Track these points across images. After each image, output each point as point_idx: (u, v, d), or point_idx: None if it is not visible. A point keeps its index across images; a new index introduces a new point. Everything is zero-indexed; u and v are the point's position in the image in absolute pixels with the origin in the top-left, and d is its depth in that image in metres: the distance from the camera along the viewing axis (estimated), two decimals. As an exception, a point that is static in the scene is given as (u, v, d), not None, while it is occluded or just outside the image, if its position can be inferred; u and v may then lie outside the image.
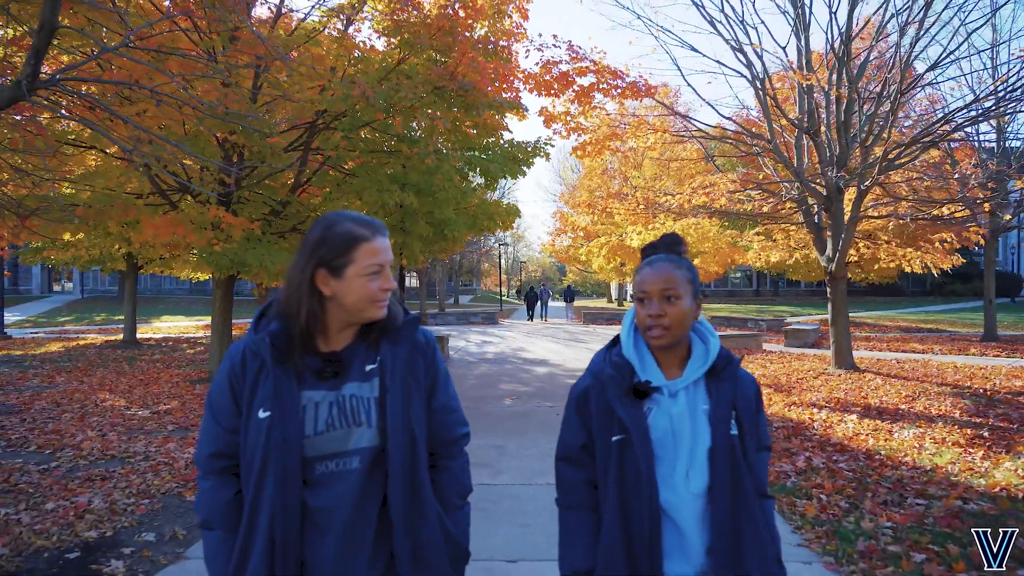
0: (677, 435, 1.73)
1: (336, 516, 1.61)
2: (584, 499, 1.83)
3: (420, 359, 1.76)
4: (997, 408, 8.49)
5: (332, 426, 1.63)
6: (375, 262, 1.63)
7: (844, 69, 10.79)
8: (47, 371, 13.43)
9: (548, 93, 10.67)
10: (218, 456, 1.69)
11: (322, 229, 1.66)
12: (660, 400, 1.76)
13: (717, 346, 1.81)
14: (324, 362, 1.67)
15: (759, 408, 1.84)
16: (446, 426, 1.82)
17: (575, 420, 1.85)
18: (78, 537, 4.44)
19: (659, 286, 1.74)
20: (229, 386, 1.69)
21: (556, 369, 13.70)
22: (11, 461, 6.38)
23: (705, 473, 1.71)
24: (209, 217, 9.55)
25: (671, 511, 1.71)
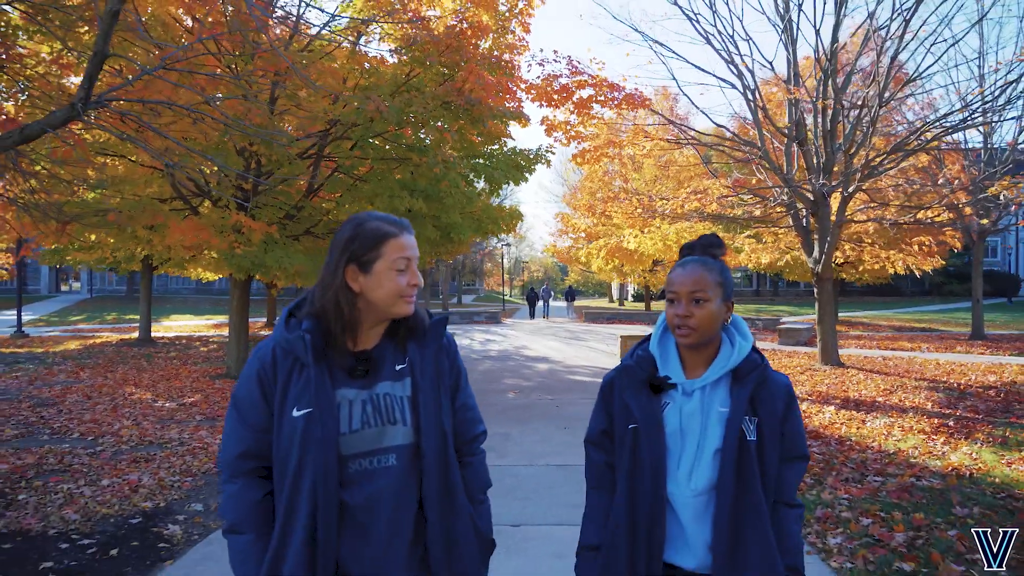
0: (685, 433, 1.78)
1: (375, 513, 1.63)
2: (603, 480, 1.93)
3: (445, 359, 1.82)
4: (967, 400, 9.10)
5: (367, 424, 1.66)
6: (402, 256, 1.68)
7: (829, 81, 11.39)
8: (70, 368, 14.06)
9: (549, 104, 11.29)
10: (247, 457, 1.69)
11: (352, 227, 1.71)
12: (676, 397, 1.82)
13: (746, 349, 1.83)
14: (356, 361, 1.71)
15: (789, 415, 1.82)
16: (467, 424, 1.88)
17: (600, 406, 1.95)
18: (136, 507, 5.08)
19: (688, 288, 1.78)
20: (259, 385, 1.69)
21: (557, 366, 14.32)
22: (59, 446, 7.01)
23: (708, 473, 1.75)
24: (231, 222, 10.18)
25: (674, 504, 1.77)
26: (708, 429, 1.76)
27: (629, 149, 12.81)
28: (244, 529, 1.65)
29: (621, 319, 30.48)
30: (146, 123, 6.99)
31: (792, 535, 1.78)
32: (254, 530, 1.65)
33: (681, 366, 1.85)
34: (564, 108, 11.26)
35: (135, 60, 7.34)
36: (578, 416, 8.52)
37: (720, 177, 14.40)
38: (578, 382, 11.87)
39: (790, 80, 11.97)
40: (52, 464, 6.26)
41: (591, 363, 14.52)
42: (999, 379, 10.84)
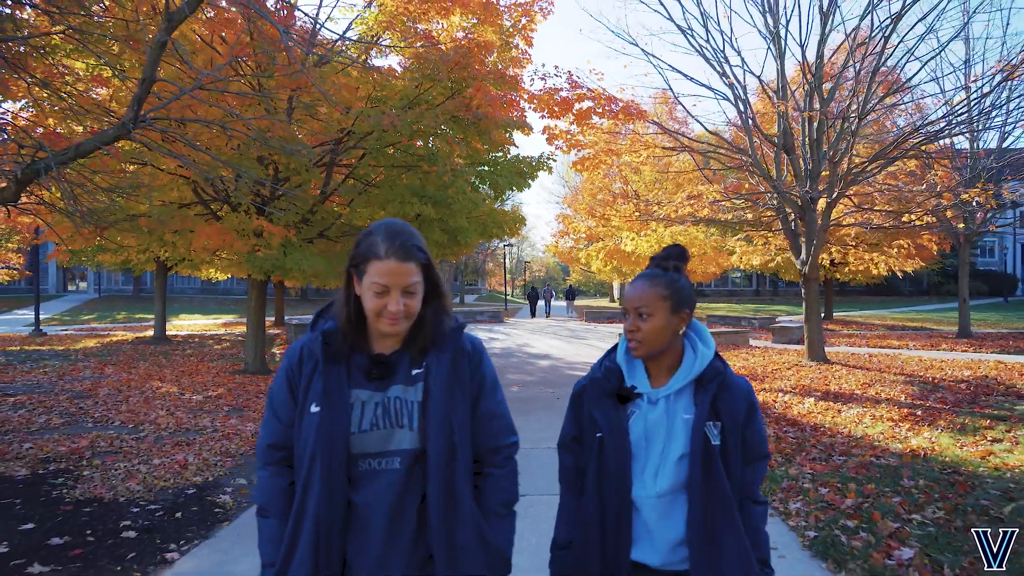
0: (650, 439, 1.87)
1: (377, 513, 1.69)
2: (573, 483, 2.03)
3: (466, 365, 1.83)
4: (938, 393, 9.80)
5: (376, 425, 1.72)
6: (377, 281, 1.68)
7: (815, 94, 12.08)
8: (94, 364, 14.77)
9: (551, 114, 11.99)
10: (275, 447, 1.80)
11: (362, 234, 1.77)
12: (641, 406, 1.90)
13: (708, 357, 1.91)
14: (372, 363, 1.77)
15: (751, 419, 1.90)
16: (492, 433, 1.87)
17: (571, 413, 2.04)
18: (188, 481, 5.80)
19: (634, 303, 1.89)
20: (287, 382, 1.79)
21: (558, 362, 15.03)
22: (105, 432, 7.72)
23: (670, 476, 1.84)
24: (252, 226, 10.90)
25: (639, 506, 1.88)
26: (673, 436, 1.85)
27: (626, 157, 13.52)
28: (270, 513, 1.77)
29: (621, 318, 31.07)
30: (185, 138, 7.70)
31: (759, 530, 1.90)
32: (278, 515, 1.75)
33: (647, 375, 1.94)
34: (565, 118, 11.96)
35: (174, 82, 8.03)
36: (577, 407, 9.22)
37: (715, 182, 15.11)
38: (577, 377, 12.56)
39: (780, 91, 12.66)
40: (104, 447, 6.98)
41: (590, 360, 15.19)
42: (973, 374, 11.54)
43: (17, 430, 7.77)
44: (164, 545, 4.39)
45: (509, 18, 12.53)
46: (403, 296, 1.68)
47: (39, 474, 5.92)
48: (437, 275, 1.81)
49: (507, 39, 12.16)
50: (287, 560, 1.68)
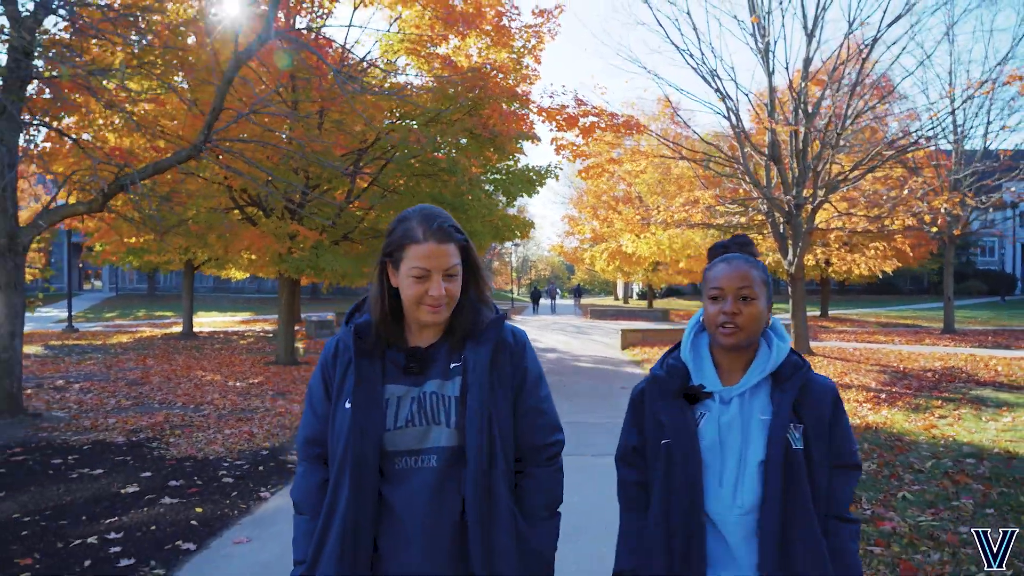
0: (725, 445, 1.67)
1: (414, 512, 1.62)
2: (635, 500, 1.83)
3: (507, 359, 1.74)
4: (906, 380, 10.93)
5: (411, 422, 1.65)
6: (418, 265, 1.61)
7: (800, 110, 13.21)
8: (134, 357, 15.97)
9: (558, 127, 13.14)
10: (312, 443, 1.75)
11: (395, 222, 1.70)
12: (712, 406, 1.71)
13: (785, 350, 1.73)
14: (407, 357, 1.70)
15: (837, 421, 1.70)
16: (534, 430, 1.77)
17: (630, 421, 1.86)
18: (259, 446, 6.99)
19: (735, 284, 1.69)
20: (322, 377, 1.75)
21: (564, 355, 16.20)
22: (172, 411, 8.92)
23: (756, 488, 1.63)
24: (288, 230, 12.09)
25: (719, 524, 1.66)
26: (750, 440, 1.65)
27: (628, 165, 14.68)
28: (304, 510, 1.73)
29: (624, 316, 32.32)
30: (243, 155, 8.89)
31: (849, 552, 1.65)
32: (311, 512, 1.71)
33: (716, 372, 1.74)
34: (571, 132, 13.11)
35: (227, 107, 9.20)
36: (582, 393, 10.38)
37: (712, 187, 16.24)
38: (582, 368, 13.75)
39: (769, 105, 13.79)
40: (177, 422, 8.17)
41: (594, 353, 16.40)
42: (943, 365, 12.66)
43: (96, 409, 8.97)
44: (256, 488, 5.58)
45: (520, 39, 13.68)
46: (444, 280, 1.62)
47: (134, 441, 7.12)
48: (476, 258, 1.74)
49: (518, 58, 13.30)
50: (316, 558, 1.65)
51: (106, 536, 4.39)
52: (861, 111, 12.57)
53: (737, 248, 1.81)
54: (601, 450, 6.56)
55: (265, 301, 48.20)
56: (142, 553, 4.14)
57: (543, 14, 13.85)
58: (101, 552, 4.14)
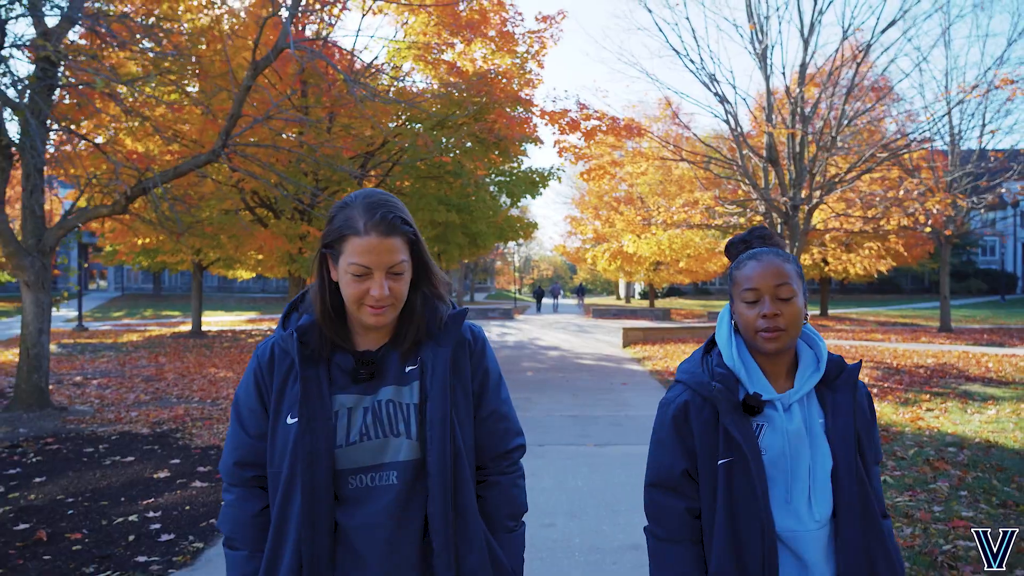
0: (795, 456, 1.55)
1: (373, 537, 1.45)
2: (686, 532, 1.62)
3: (466, 359, 1.59)
4: (898, 376, 11.28)
5: (366, 435, 1.48)
6: (357, 261, 1.42)
7: (797, 113, 13.57)
8: (146, 355, 16.35)
9: (561, 131, 13.51)
10: (244, 465, 1.54)
11: (334, 207, 1.50)
12: (773, 416, 1.57)
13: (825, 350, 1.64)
14: (356, 362, 1.52)
15: (873, 417, 1.66)
16: (496, 436, 1.63)
17: (673, 441, 1.63)
18: (277, 436, 7.35)
19: (771, 282, 1.54)
20: (256, 387, 1.54)
21: (567, 353, 16.56)
22: (190, 405, 9.29)
23: (829, 498, 1.54)
24: (299, 231, 12.47)
25: (791, 541, 1.54)
26: (817, 447, 1.56)
27: (629, 168, 15.05)
28: (239, 544, 1.53)
29: (626, 315, 32.67)
30: (257, 159, 9.26)
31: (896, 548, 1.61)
32: (248, 546, 1.52)
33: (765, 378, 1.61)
34: (574, 135, 13.47)
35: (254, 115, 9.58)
36: (583, 388, 10.74)
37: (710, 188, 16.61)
38: (584, 365, 14.11)
39: (767, 109, 14.14)
40: (196, 415, 8.54)
41: (596, 351, 16.75)
42: (936, 361, 13.01)
43: (117, 403, 9.34)
44: (278, 474, 5.94)
45: (523, 44, 14.03)
46: (388, 278, 1.44)
47: (158, 432, 7.49)
48: (426, 253, 1.56)
49: (522, 63, 13.66)
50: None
51: (145, 515, 4.76)
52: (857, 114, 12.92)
53: (760, 242, 1.66)
54: (601, 440, 6.99)
55: (269, 300, 48.66)
56: (180, 529, 4.50)
57: (546, 20, 14.20)
58: (143, 528, 4.51)
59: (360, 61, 13.09)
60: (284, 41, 7.94)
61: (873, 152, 13.10)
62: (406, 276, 1.48)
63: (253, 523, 1.52)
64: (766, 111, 13.92)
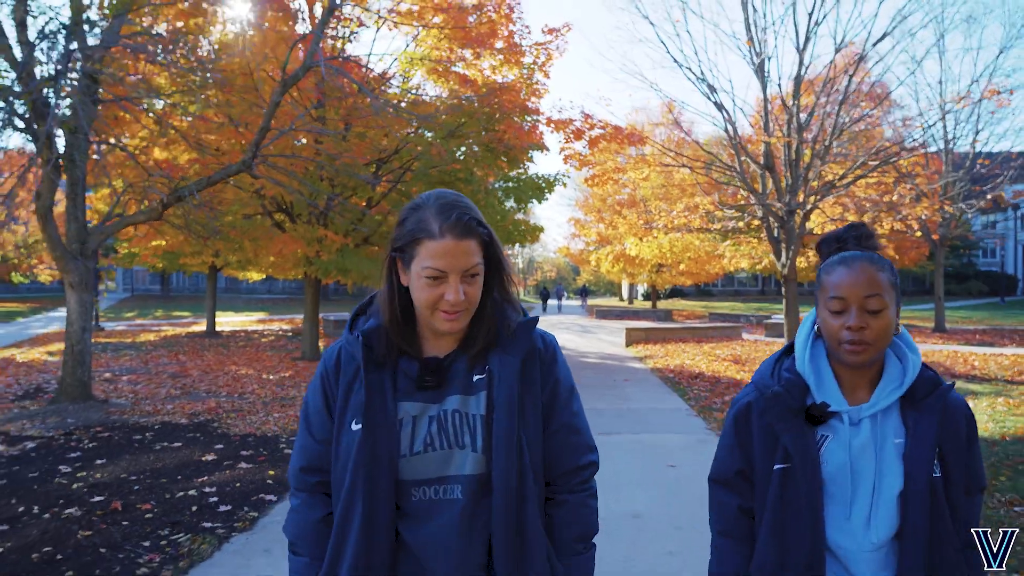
0: (857, 472, 1.48)
1: (436, 553, 1.42)
2: (737, 528, 1.62)
3: (537, 369, 1.53)
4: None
5: (431, 446, 1.44)
6: (432, 265, 1.38)
7: (793, 121, 14.16)
8: (165, 353, 16.98)
9: (566, 139, 14.13)
10: (309, 470, 1.52)
11: (405, 210, 1.48)
12: (839, 428, 1.50)
13: (918, 365, 1.51)
14: (422, 369, 1.48)
15: (972, 441, 1.52)
16: (567, 451, 1.55)
17: (732, 440, 1.63)
18: (306, 426, 7.98)
19: (861, 292, 1.44)
20: (322, 391, 1.52)
21: (572, 352, 17.17)
22: (219, 399, 9.91)
23: (892, 521, 1.46)
24: (317, 235, 13.09)
25: (845, 559, 1.50)
26: (885, 467, 1.47)
27: (631, 173, 15.66)
28: (301, 551, 1.51)
29: (629, 316, 33.27)
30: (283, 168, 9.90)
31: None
32: (310, 552, 1.50)
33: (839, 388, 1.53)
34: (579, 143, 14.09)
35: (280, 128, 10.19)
36: (588, 384, 11.35)
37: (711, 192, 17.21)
38: (588, 363, 14.72)
39: (764, 116, 14.74)
40: (228, 407, 9.16)
41: (600, 350, 17.38)
42: (925, 360, 13.52)
43: (151, 397, 9.97)
44: (312, 458, 6.57)
45: (530, 56, 14.65)
46: (463, 282, 1.41)
47: (196, 422, 8.12)
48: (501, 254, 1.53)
49: (529, 74, 14.28)
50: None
51: (202, 490, 5.38)
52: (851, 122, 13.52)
53: (855, 243, 1.54)
54: (606, 429, 7.64)
55: (277, 302, 49.34)
56: (235, 502, 5.12)
57: (552, 32, 14.81)
58: (203, 501, 5.13)
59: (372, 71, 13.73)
60: (312, 60, 8.57)
61: (865, 159, 13.69)
62: (480, 279, 1.45)
63: (316, 529, 1.51)
64: (763, 120, 14.51)
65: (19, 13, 7.49)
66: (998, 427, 7.41)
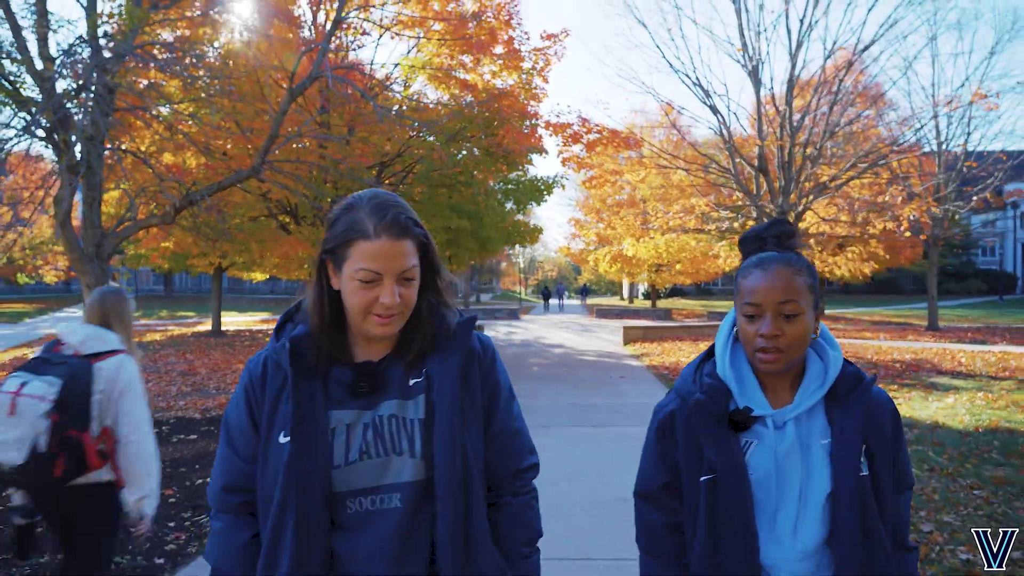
0: (783, 477, 1.43)
1: (374, 566, 1.36)
2: (664, 546, 1.55)
3: (476, 371, 1.49)
4: (874, 369, 12.22)
5: (367, 454, 1.38)
6: (366, 267, 1.32)
7: (786, 125, 14.54)
8: (172, 352, 17.36)
9: (564, 142, 14.51)
10: (233, 490, 1.44)
11: (337, 210, 1.43)
12: (764, 433, 1.45)
13: (839, 362, 1.48)
14: (356, 375, 1.42)
15: (898, 437, 1.49)
16: (509, 454, 1.53)
17: (656, 451, 1.56)
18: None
19: (776, 298, 1.39)
20: (246, 404, 1.45)
21: (570, 351, 17.56)
22: (228, 395, 10.24)
23: (820, 526, 1.41)
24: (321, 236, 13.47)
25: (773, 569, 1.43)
26: (812, 470, 1.42)
27: (628, 176, 16.06)
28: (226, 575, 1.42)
29: (629, 315, 33.61)
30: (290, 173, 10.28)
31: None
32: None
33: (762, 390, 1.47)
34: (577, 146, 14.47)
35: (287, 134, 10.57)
36: (585, 380, 11.73)
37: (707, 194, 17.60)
38: (586, 361, 15.11)
39: (758, 121, 15.12)
40: (238, 403, 9.53)
41: (597, 348, 17.76)
42: (914, 357, 13.95)
43: (163, 394, 10.36)
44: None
45: (529, 61, 15.03)
46: (399, 284, 1.35)
47: (209, 417, 8.50)
48: (436, 256, 1.48)
49: (528, 79, 14.65)
50: None
51: (219, 477, 5.76)
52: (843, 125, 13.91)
53: (775, 243, 1.47)
54: (600, 423, 8.09)
55: (279, 301, 49.76)
56: (251, 488, 5.50)
57: (550, 38, 15.18)
58: (221, 487, 5.51)
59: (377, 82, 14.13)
60: (319, 70, 8.95)
61: (855, 162, 14.07)
62: (416, 282, 1.40)
63: (242, 554, 1.42)
64: (757, 124, 14.89)
65: (41, 28, 7.87)
66: (973, 419, 7.78)
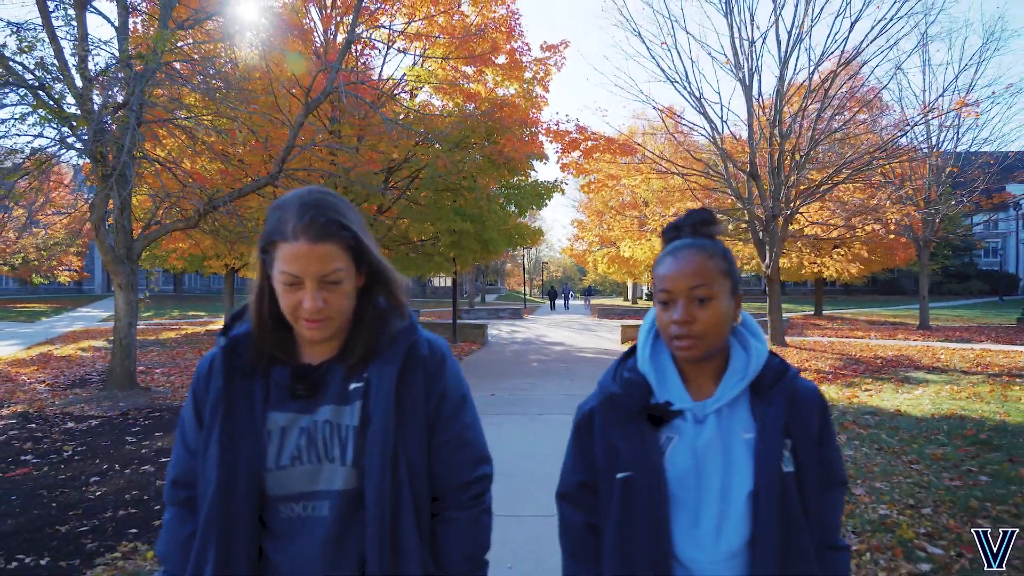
0: (703, 474, 1.36)
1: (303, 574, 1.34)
2: (583, 548, 1.50)
3: (419, 378, 1.42)
4: (857, 366, 12.90)
5: (298, 459, 1.36)
6: (286, 270, 1.29)
7: (776, 130, 15.22)
8: (189, 349, 18.14)
9: (564, 149, 15.24)
10: (180, 484, 1.44)
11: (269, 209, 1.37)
12: (684, 428, 1.39)
13: (763, 353, 1.41)
14: (293, 376, 1.39)
15: (827, 433, 1.41)
16: (454, 465, 1.46)
17: (575, 450, 1.53)
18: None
19: (687, 283, 1.34)
20: (193, 401, 1.44)
21: (570, 348, 18.29)
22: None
23: (744, 525, 1.33)
24: (333, 239, 14.24)
25: (697, 571, 1.36)
26: (734, 466, 1.35)
27: (626, 180, 16.77)
28: (168, 567, 1.44)
29: (631, 315, 34.31)
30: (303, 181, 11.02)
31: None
32: (177, 571, 1.41)
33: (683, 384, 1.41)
34: (575, 152, 15.21)
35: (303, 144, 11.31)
36: (583, 375, 12.44)
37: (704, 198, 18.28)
38: (584, 357, 15.82)
39: (749, 128, 15.80)
40: (257, 394, 10.27)
41: (596, 346, 18.49)
42: (896, 354, 14.61)
43: (186, 387, 11.09)
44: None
45: (530, 71, 15.76)
46: (322, 289, 1.30)
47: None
48: (375, 256, 1.38)
49: (529, 88, 15.39)
50: None
51: (248, 455, 6.50)
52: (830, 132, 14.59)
53: (691, 231, 1.43)
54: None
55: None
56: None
57: (551, 49, 15.92)
58: (250, 462, 6.25)
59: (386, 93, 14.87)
60: (332, 86, 9.69)
61: (839, 167, 14.74)
62: (344, 286, 1.34)
63: (184, 547, 1.41)
64: (748, 131, 15.58)
65: (80, 50, 8.62)
66: (933, 407, 8.46)
